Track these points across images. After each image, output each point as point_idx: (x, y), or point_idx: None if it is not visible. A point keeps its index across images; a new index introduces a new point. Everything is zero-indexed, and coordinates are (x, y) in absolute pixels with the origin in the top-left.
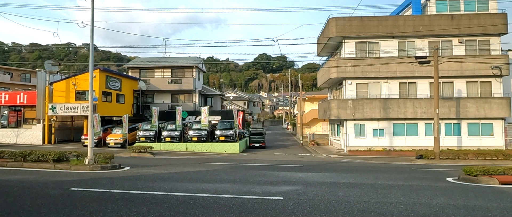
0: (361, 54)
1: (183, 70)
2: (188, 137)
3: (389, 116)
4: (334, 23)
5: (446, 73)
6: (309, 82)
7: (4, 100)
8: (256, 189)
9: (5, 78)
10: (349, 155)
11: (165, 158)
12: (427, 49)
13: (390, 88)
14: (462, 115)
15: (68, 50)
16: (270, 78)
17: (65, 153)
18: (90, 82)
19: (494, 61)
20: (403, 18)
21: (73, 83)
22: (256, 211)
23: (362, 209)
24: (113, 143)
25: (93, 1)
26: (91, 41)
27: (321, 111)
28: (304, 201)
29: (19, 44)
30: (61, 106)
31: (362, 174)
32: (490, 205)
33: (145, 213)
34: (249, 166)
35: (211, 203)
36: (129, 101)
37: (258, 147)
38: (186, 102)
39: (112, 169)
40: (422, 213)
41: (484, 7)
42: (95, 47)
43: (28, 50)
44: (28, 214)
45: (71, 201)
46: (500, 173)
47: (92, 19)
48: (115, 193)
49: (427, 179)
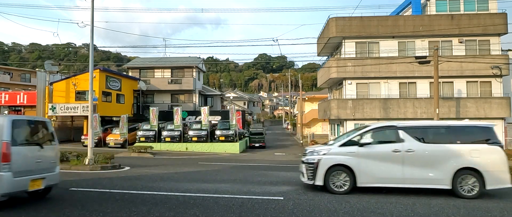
0: (361, 54)
1: (183, 70)
2: (188, 137)
3: (389, 116)
4: (334, 23)
5: (446, 73)
6: (309, 82)
7: (4, 100)
8: (256, 189)
9: (5, 78)
10: None
11: (165, 158)
12: (427, 49)
13: (390, 88)
14: (462, 115)
15: (68, 50)
16: (270, 78)
17: (65, 153)
18: (90, 82)
19: (494, 61)
20: (403, 18)
21: (73, 83)
22: (256, 211)
23: (362, 209)
24: (113, 143)
25: (93, 1)
26: (91, 41)
27: (321, 111)
28: (304, 201)
29: (19, 44)
30: (61, 106)
31: None
32: (490, 205)
33: (145, 213)
34: (249, 166)
35: (211, 203)
36: (129, 101)
37: (258, 147)
38: (186, 102)
39: (112, 169)
40: (422, 213)
41: (484, 7)
42: (95, 47)
43: (28, 50)
44: (28, 214)
45: (71, 201)
46: None
47: (92, 19)
48: (115, 193)
49: None
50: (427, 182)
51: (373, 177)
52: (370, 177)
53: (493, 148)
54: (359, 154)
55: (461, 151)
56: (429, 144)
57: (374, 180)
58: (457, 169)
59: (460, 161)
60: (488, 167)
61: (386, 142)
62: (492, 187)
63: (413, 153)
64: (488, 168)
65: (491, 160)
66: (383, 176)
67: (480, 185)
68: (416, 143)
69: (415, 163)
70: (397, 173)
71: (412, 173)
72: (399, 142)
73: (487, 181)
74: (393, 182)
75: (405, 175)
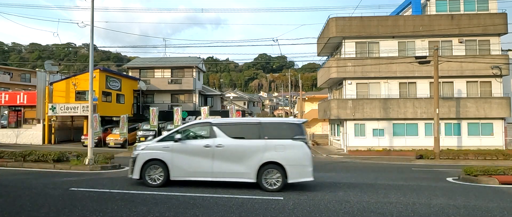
0: (361, 54)
1: (183, 70)
2: None
3: (389, 116)
4: (334, 23)
5: (446, 73)
6: (309, 82)
7: (4, 100)
8: (256, 189)
9: (5, 78)
10: (349, 155)
11: None
12: (427, 49)
13: (390, 88)
14: (462, 115)
15: (68, 50)
16: (270, 78)
17: (65, 153)
18: (90, 82)
19: (494, 61)
20: (403, 18)
21: (73, 83)
22: (256, 211)
23: (362, 209)
24: (113, 143)
25: (93, 1)
26: (91, 41)
27: (321, 111)
28: (304, 201)
29: (19, 44)
30: (61, 106)
31: (362, 174)
32: (490, 205)
33: (145, 213)
34: None
35: (211, 203)
36: (129, 101)
37: None
38: (186, 102)
39: (112, 169)
40: (422, 213)
41: (484, 7)
42: (95, 47)
43: (28, 50)
44: (28, 214)
45: (71, 201)
46: (500, 173)
47: (92, 19)
48: (115, 193)
49: (427, 179)
50: (234, 176)
51: (184, 171)
52: (182, 171)
53: (297, 144)
54: (173, 149)
55: (267, 146)
56: (238, 139)
57: (185, 174)
58: (262, 163)
59: (265, 155)
60: (291, 162)
61: (200, 138)
62: (294, 180)
63: (223, 148)
64: (291, 163)
65: (294, 155)
66: (193, 170)
67: (283, 178)
68: (227, 138)
69: (224, 158)
70: (207, 167)
71: (221, 167)
72: (212, 137)
73: (289, 175)
74: (204, 175)
75: (214, 169)
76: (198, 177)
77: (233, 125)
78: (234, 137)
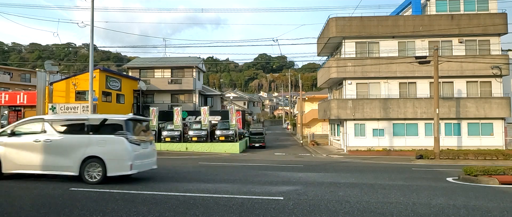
0: (361, 54)
1: (183, 70)
2: (188, 137)
3: (389, 116)
4: (334, 23)
5: (446, 73)
6: (309, 82)
7: (4, 100)
8: (256, 189)
9: (5, 78)
10: (349, 155)
11: (165, 158)
12: (427, 49)
13: (390, 88)
14: (462, 115)
15: (68, 50)
16: (270, 78)
17: None
18: (90, 82)
19: (494, 61)
20: (403, 18)
21: (73, 83)
22: (256, 211)
23: (362, 209)
24: None
25: (93, 1)
26: (91, 41)
27: (321, 111)
28: (304, 201)
29: (19, 44)
30: (61, 106)
31: (362, 174)
32: (490, 205)
33: (145, 213)
34: (249, 166)
35: (211, 203)
36: (129, 101)
37: (258, 147)
38: (186, 102)
39: None
40: (422, 213)
41: (484, 7)
42: (95, 47)
43: (28, 50)
44: (28, 214)
45: (71, 201)
46: (500, 173)
47: (92, 19)
48: (115, 193)
49: (427, 179)
50: (60, 169)
51: (15, 164)
52: (13, 164)
53: (118, 139)
54: (7, 143)
55: (91, 142)
56: (66, 135)
57: (17, 167)
58: (84, 157)
59: (87, 150)
60: (111, 156)
61: (33, 133)
62: (113, 173)
63: (51, 142)
64: (110, 157)
65: (113, 149)
66: (24, 163)
67: (104, 172)
68: (56, 134)
69: (51, 152)
70: (36, 160)
71: (48, 161)
72: (42, 133)
73: (109, 169)
74: (34, 169)
75: (43, 163)
76: (29, 170)
77: (64, 121)
78: (62, 132)
